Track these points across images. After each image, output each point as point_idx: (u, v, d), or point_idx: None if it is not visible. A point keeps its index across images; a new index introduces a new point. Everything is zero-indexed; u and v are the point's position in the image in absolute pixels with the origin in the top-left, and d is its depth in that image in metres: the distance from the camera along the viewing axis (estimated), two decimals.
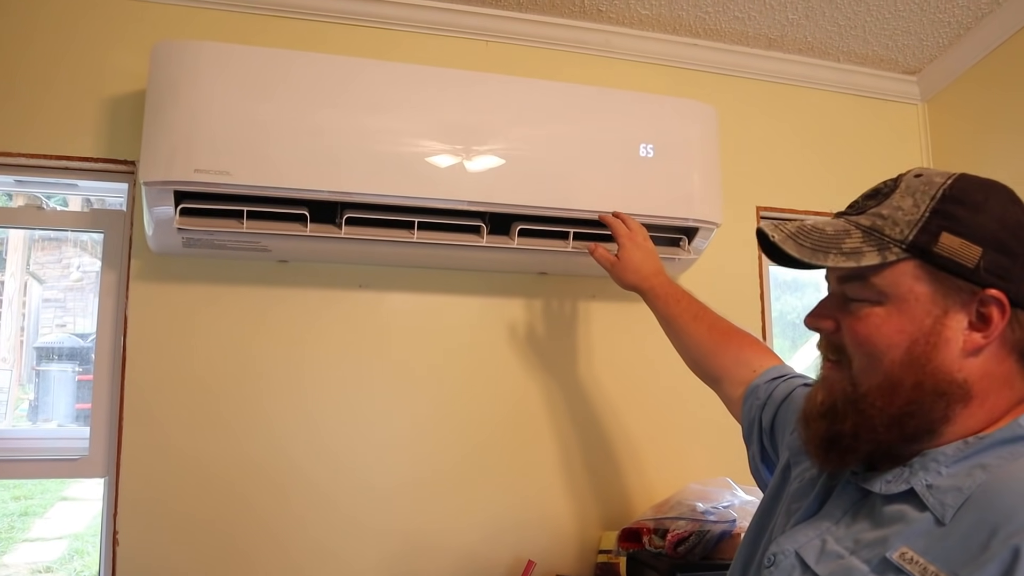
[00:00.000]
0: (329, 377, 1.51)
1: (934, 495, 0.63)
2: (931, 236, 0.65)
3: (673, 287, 1.26)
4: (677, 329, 1.21)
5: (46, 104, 1.43)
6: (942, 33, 1.79)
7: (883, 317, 0.67)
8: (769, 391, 1.00)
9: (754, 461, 1.03)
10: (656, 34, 1.77)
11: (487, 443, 1.58)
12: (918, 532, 0.61)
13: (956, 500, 0.61)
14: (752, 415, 1.02)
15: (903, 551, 0.61)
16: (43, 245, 2.20)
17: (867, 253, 0.66)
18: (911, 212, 0.66)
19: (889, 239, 0.66)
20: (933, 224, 0.65)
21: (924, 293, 0.66)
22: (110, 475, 1.40)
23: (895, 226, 0.66)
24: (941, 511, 0.61)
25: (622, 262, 1.32)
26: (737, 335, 1.15)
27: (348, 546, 1.48)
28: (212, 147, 1.24)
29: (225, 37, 1.50)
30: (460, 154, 1.36)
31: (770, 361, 1.08)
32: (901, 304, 0.66)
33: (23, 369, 1.95)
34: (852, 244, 0.67)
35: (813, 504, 0.73)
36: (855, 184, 0.77)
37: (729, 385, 1.10)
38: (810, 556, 0.68)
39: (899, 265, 0.66)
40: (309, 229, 1.33)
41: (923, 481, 0.64)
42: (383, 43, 1.61)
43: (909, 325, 0.66)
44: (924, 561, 0.59)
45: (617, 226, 1.36)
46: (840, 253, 0.67)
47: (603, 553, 1.55)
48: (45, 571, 2.30)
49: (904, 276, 0.66)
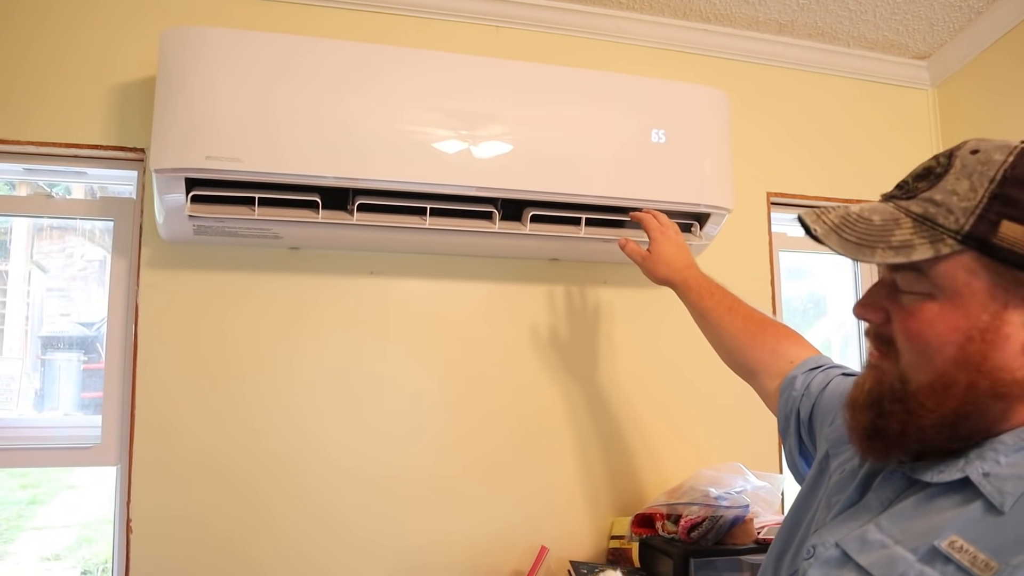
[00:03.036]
0: (341, 363, 1.51)
1: (992, 483, 0.59)
2: (990, 225, 0.58)
3: (706, 280, 1.23)
4: (712, 323, 1.18)
5: (55, 92, 1.42)
6: (953, 18, 1.78)
7: (936, 312, 0.62)
8: (807, 382, 0.97)
9: (791, 454, 1.00)
10: (667, 19, 1.76)
11: (499, 430, 1.58)
12: (971, 520, 0.59)
13: (1017, 488, 0.58)
14: (789, 407, 0.98)
15: (952, 539, 0.58)
16: (48, 234, 2.19)
17: (918, 246, 0.61)
18: (967, 197, 0.60)
19: (943, 229, 0.60)
20: (992, 211, 0.59)
21: (981, 287, 0.60)
22: (122, 463, 1.40)
23: (949, 214, 0.60)
24: (1000, 499, 0.58)
25: (654, 256, 1.30)
26: (773, 327, 1.12)
27: (364, 534, 1.48)
28: (223, 134, 1.23)
29: (236, 23, 1.49)
30: (471, 140, 1.35)
31: (808, 352, 1.04)
32: (956, 299, 0.61)
33: (28, 358, 1.94)
34: (902, 236, 0.62)
35: (854, 494, 0.71)
36: (865, 169, 0.74)
37: (766, 378, 1.06)
38: (852, 547, 0.65)
39: (954, 258, 0.60)
40: (321, 216, 1.32)
41: (979, 469, 0.60)
42: (393, 29, 1.60)
43: (964, 321, 0.61)
44: (974, 549, 0.57)
45: (648, 221, 1.35)
46: (888, 247, 0.62)
47: (616, 539, 1.56)
48: (54, 559, 2.30)
49: (959, 269, 0.60)
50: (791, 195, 1.85)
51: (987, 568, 0.56)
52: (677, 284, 1.26)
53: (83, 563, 2.28)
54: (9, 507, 2.43)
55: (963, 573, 0.56)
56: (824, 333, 2.09)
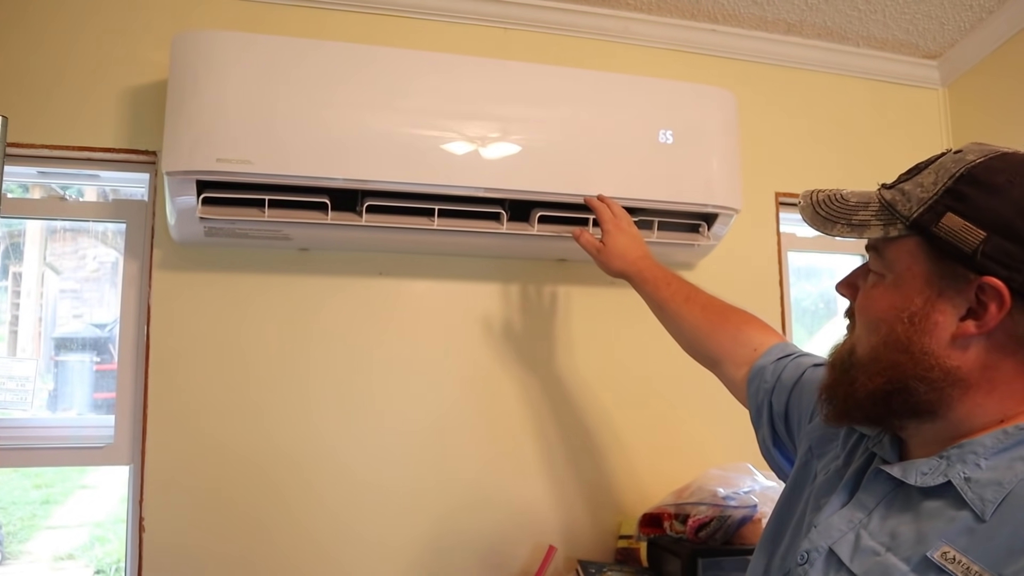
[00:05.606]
0: (349, 363, 1.52)
1: (973, 489, 0.60)
2: (935, 215, 0.63)
3: (661, 270, 1.22)
4: (670, 313, 1.17)
5: (68, 95, 1.43)
6: (964, 16, 1.78)
7: (881, 292, 0.68)
8: (777, 373, 0.97)
9: (764, 444, 1.00)
10: (675, 20, 1.76)
11: (509, 430, 1.58)
12: (959, 530, 0.59)
13: (996, 495, 0.58)
14: (760, 398, 0.98)
15: (944, 550, 0.58)
16: (60, 236, 2.20)
17: (873, 226, 0.66)
18: (928, 189, 0.64)
19: (898, 215, 0.65)
20: (941, 203, 0.63)
21: (920, 273, 0.64)
22: (135, 463, 1.42)
23: (908, 202, 0.65)
24: (981, 507, 0.59)
25: (608, 248, 1.28)
26: (734, 313, 1.11)
27: (373, 533, 1.49)
28: (234, 136, 1.25)
29: (246, 26, 1.50)
30: (479, 141, 1.35)
31: (771, 338, 1.04)
32: (898, 280, 0.66)
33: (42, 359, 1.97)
34: (863, 216, 0.67)
35: (843, 494, 0.71)
36: (875, 170, 0.77)
37: (730, 366, 1.06)
38: (844, 552, 0.65)
39: (903, 241, 0.66)
40: (330, 217, 1.33)
41: (961, 474, 0.61)
42: (401, 31, 1.61)
43: (899, 302, 0.65)
44: (967, 560, 0.57)
45: (602, 211, 1.33)
46: (847, 224, 0.68)
47: (623, 538, 1.56)
48: (68, 558, 2.32)
49: (904, 253, 0.66)
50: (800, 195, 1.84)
51: None
52: (632, 276, 1.25)
53: (96, 562, 2.31)
54: (23, 507, 2.46)
55: None
56: (836, 333, 2.08)
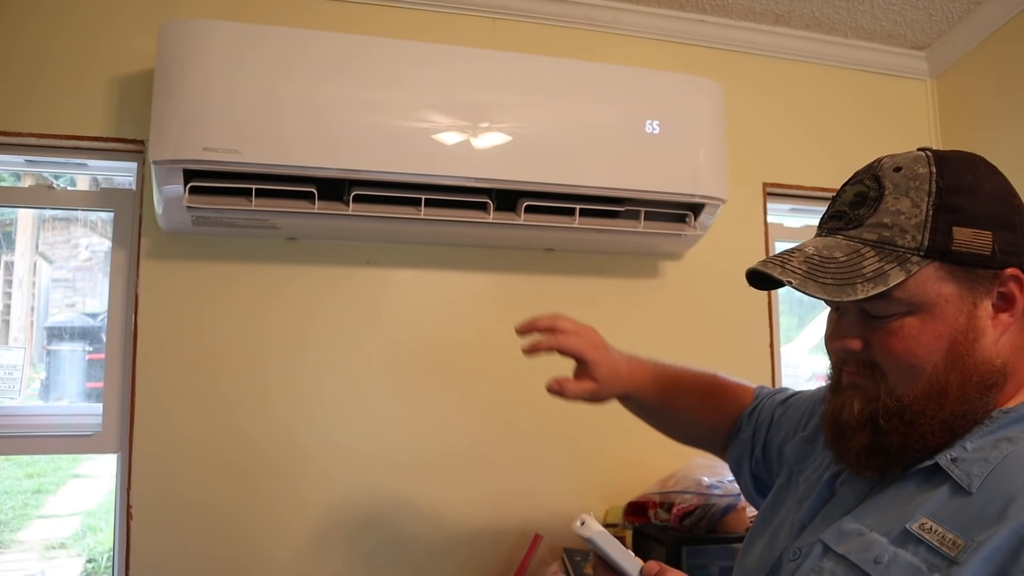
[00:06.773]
0: (337, 353, 1.53)
1: (959, 467, 0.62)
2: (944, 235, 0.63)
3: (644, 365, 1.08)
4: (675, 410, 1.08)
5: (55, 84, 1.43)
6: (952, 7, 1.78)
7: (918, 327, 0.65)
8: (751, 429, 0.99)
9: (747, 491, 1.02)
10: (663, 10, 1.77)
11: (493, 418, 1.59)
12: (940, 503, 0.62)
13: (982, 470, 0.61)
14: (740, 452, 1.00)
15: (923, 521, 0.61)
16: (52, 225, 2.20)
17: (890, 272, 0.63)
18: (913, 214, 0.64)
19: (904, 249, 0.64)
20: (941, 221, 0.63)
21: (952, 293, 0.64)
22: (123, 451, 1.42)
23: (904, 233, 0.64)
24: (967, 481, 0.61)
25: (601, 381, 1.04)
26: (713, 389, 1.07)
27: (356, 524, 1.50)
28: (221, 125, 1.25)
29: (234, 15, 1.50)
30: (467, 131, 1.36)
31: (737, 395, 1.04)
32: (933, 309, 0.64)
33: (34, 348, 1.97)
34: (872, 265, 0.64)
35: (824, 491, 0.74)
36: (863, 160, 0.74)
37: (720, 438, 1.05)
38: (831, 539, 0.68)
39: (921, 272, 0.64)
40: (317, 206, 1.34)
41: (947, 456, 0.64)
42: (389, 21, 1.61)
43: (945, 328, 0.64)
44: (942, 529, 0.59)
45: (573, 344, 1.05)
46: (865, 280, 0.64)
47: (609, 527, 1.57)
48: (59, 547, 2.33)
49: (928, 281, 0.64)
50: (787, 185, 1.85)
51: (955, 546, 0.58)
52: (631, 394, 1.06)
53: (88, 551, 2.31)
54: (15, 496, 2.46)
55: (933, 552, 0.59)
56: (820, 324, 2.09)
